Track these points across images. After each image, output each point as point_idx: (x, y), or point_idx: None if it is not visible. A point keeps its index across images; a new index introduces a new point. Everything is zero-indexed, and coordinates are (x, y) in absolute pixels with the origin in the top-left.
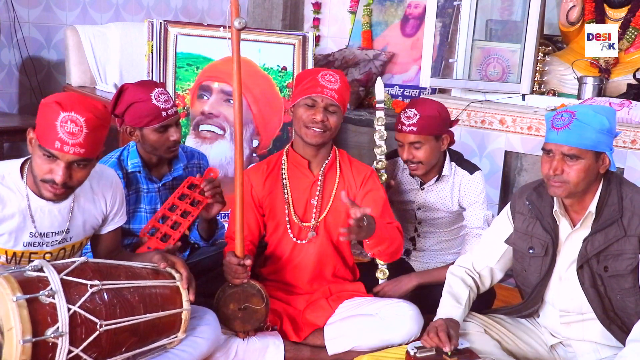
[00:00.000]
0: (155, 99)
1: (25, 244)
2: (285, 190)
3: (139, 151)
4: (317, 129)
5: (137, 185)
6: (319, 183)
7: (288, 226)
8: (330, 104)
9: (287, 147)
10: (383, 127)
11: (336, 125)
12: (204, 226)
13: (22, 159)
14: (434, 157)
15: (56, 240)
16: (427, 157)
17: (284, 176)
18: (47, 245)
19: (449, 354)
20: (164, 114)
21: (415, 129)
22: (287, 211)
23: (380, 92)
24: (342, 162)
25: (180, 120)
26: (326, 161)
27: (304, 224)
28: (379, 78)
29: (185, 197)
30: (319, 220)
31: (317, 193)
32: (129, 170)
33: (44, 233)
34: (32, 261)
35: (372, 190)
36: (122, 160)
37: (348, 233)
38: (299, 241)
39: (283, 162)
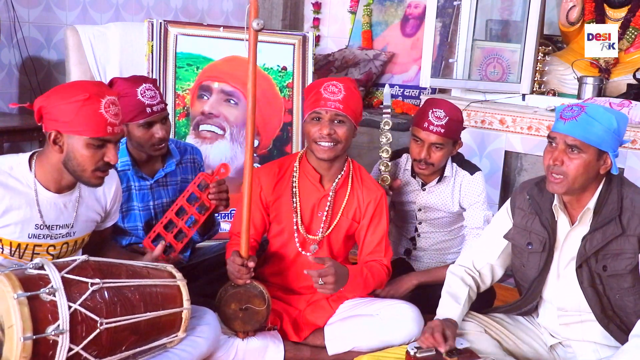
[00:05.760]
0: (141, 94)
1: (30, 236)
2: (295, 199)
3: (128, 149)
4: (326, 143)
5: (128, 184)
6: (329, 198)
7: (295, 235)
8: (336, 115)
9: (301, 153)
10: (389, 132)
11: (346, 136)
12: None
13: (30, 152)
14: (445, 161)
15: (61, 234)
16: (441, 160)
17: (294, 184)
18: (51, 238)
19: (445, 353)
20: (148, 109)
21: (443, 130)
22: (295, 219)
23: (387, 98)
24: (355, 179)
25: (180, 120)
26: (339, 176)
27: (309, 236)
28: (386, 85)
29: (193, 200)
30: (325, 235)
31: (327, 208)
32: (119, 169)
33: (51, 225)
34: (36, 254)
35: (377, 219)
36: None
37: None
38: (303, 252)
39: (295, 169)
